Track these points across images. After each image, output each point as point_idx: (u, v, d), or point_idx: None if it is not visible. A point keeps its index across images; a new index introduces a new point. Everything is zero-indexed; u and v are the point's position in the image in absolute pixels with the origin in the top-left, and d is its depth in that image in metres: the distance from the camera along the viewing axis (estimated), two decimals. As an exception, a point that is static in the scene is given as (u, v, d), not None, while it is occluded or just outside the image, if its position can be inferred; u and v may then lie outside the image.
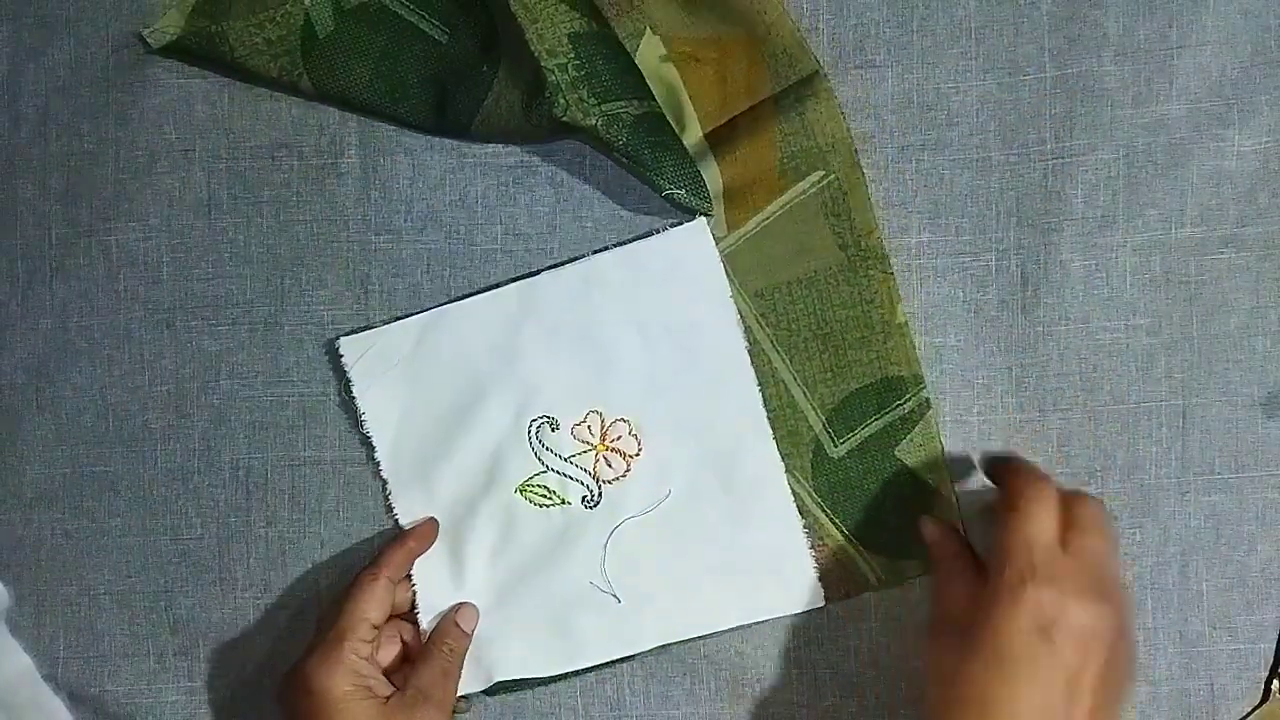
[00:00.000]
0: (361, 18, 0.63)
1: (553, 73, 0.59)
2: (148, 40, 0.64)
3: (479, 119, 0.62)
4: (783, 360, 0.61)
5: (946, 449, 0.61)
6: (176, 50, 0.64)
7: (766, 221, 0.62)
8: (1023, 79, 0.62)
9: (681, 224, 0.62)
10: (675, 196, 0.60)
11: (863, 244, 0.62)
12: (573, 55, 0.60)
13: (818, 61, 0.62)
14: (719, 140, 0.62)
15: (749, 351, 0.62)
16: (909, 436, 0.61)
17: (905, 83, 0.62)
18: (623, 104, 0.60)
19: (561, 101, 0.59)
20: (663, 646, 0.62)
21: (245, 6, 0.63)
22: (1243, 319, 0.61)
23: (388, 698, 0.57)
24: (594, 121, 0.59)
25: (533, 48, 0.59)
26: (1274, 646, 0.60)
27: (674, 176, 0.60)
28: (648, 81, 0.62)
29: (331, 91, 0.63)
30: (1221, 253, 0.61)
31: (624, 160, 0.60)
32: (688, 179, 0.60)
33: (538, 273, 0.63)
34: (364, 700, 0.56)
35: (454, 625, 0.61)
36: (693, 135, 0.62)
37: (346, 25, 0.63)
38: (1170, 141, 0.61)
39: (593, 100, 0.59)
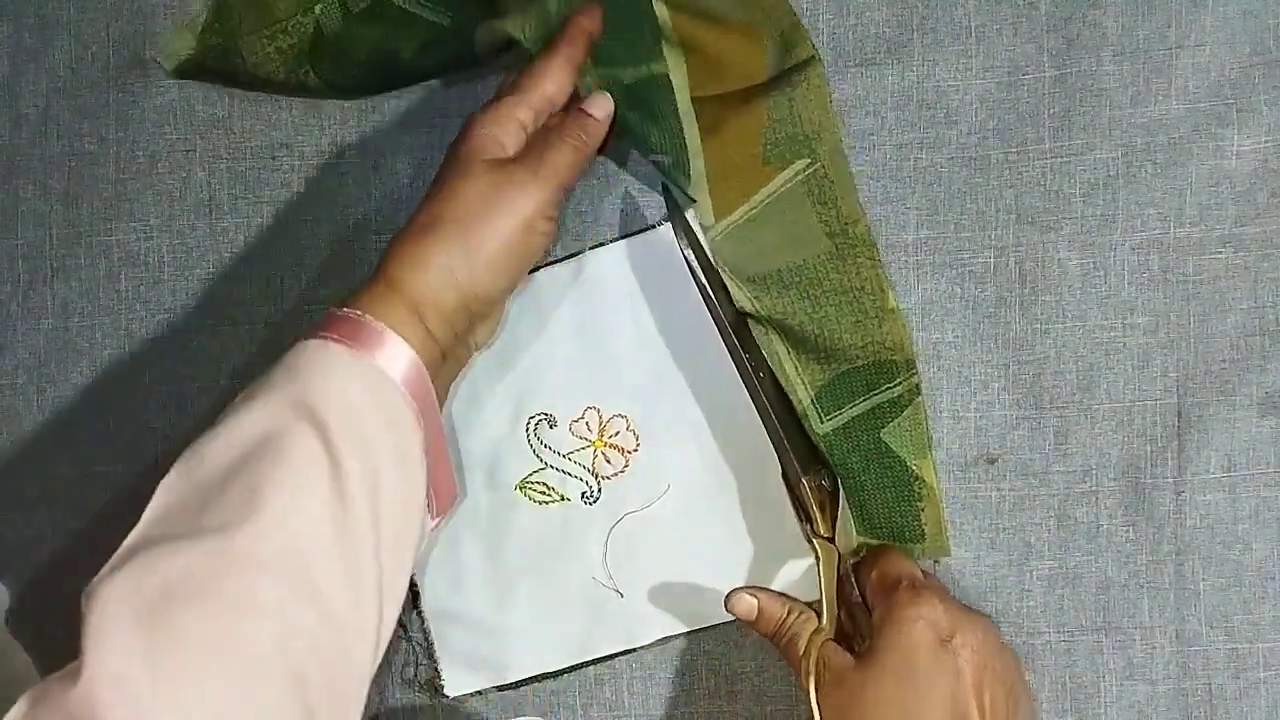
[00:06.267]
0: (366, 18, 0.63)
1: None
2: (161, 64, 0.64)
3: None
4: (772, 337, 0.61)
5: (943, 444, 0.62)
6: (190, 70, 0.64)
7: (753, 211, 0.61)
8: (1022, 78, 0.62)
9: (675, 220, 0.62)
10: (661, 165, 0.59)
11: (850, 232, 0.61)
12: None
13: (813, 46, 0.62)
14: (706, 125, 0.61)
15: (748, 324, 0.61)
16: (896, 420, 0.61)
17: (905, 81, 0.62)
18: (619, 69, 0.59)
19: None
20: (665, 639, 0.62)
21: (254, 21, 0.63)
22: (1240, 318, 0.61)
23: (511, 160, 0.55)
24: (587, 80, 0.58)
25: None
26: (1273, 646, 0.60)
27: (659, 146, 0.59)
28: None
29: (336, 82, 0.63)
30: (1220, 252, 0.61)
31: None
32: (672, 149, 0.59)
33: (534, 270, 0.63)
34: (486, 159, 0.54)
35: (586, 115, 0.57)
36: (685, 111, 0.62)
37: (352, 25, 0.63)
38: (1169, 141, 0.61)
39: (589, 63, 0.59)
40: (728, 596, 0.58)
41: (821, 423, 0.61)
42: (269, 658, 0.45)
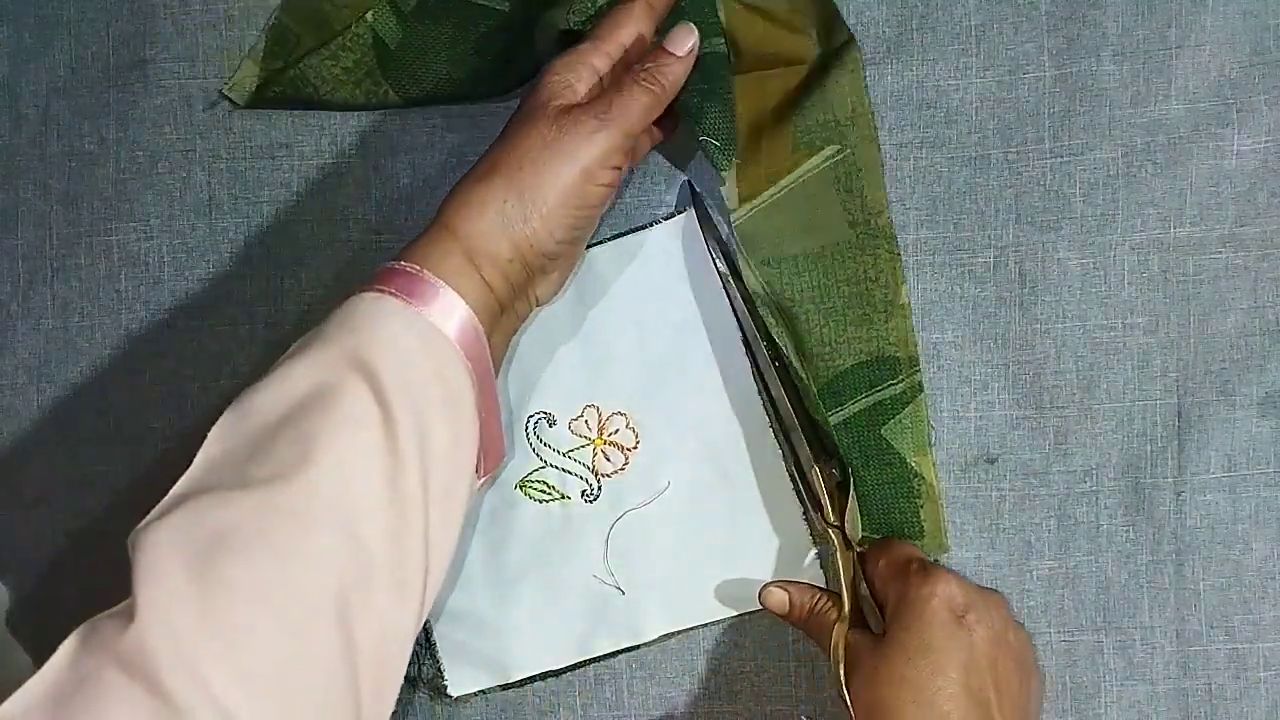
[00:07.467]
0: (424, 15, 0.63)
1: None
2: (231, 98, 0.64)
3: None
4: (781, 329, 0.61)
5: (943, 444, 0.62)
6: (262, 100, 0.64)
7: (778, 195, 0.61)
8: (1022, 77, 0.62)
9: (675, 216, 0.63)
10: (706, 146, 0.58)
11: (873, 223, 0.61)
12: None
13: (848, 30, 0.62)
14: (740, 110, 0.61)
15: (755, 312, 0.61)
16: (898, 417, 0.61)
17: (904, 79, 0.62)
18: None
19: None
20: (666, 635, 0.62)
21: (313, 38, 0.63)
22: (1240, 318, 0.61)
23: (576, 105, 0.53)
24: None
25: None
26: (1273, 646, 0.60)
27: (712, 127, 0.57)
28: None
29: (415, 95, 0.63)
30: (1219, 252, 0.61)
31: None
32: (723, 133, 0.58)
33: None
34: (556, 105, 0.52)
35: (666, 54, 0.54)
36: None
37: (413, 28, 0.63)
38: (1169, 141, 0.61)
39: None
40: (760, 592, 0.59)
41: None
42: (317, 610, 0.44)
